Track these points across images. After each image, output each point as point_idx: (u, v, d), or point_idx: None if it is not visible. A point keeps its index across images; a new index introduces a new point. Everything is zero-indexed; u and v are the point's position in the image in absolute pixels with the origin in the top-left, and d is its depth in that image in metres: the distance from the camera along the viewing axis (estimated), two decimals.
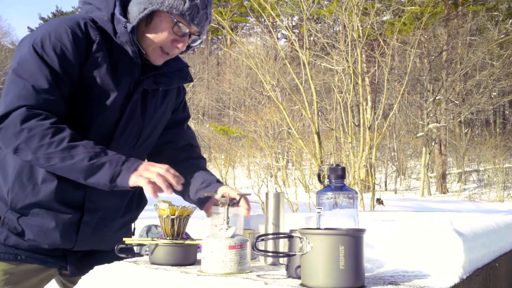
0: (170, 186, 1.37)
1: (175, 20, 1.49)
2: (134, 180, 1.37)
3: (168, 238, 1.36)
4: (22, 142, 1.37)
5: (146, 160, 1.75)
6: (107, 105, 1.50)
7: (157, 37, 1.52)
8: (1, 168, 1.53)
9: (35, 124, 1.37)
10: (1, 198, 1.52)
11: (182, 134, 1.81)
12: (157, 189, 1.36)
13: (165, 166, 1.39)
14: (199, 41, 1.59)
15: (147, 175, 1.36)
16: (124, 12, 1.54)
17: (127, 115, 1.55)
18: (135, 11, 1.51)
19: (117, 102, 1.52)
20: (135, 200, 1.72)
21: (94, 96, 1.49)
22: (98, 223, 1.58)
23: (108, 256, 1.51)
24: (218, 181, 1.65)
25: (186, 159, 1.76)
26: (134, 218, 1.77)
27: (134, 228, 1.82)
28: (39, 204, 1.49)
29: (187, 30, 1.52)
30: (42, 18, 39.27)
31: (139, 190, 1.73)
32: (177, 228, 1.38)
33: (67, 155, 1.37)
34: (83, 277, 1.29)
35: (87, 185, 1.43)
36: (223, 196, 1.40)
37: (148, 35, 1.52)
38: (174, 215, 1.37)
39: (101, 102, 1.50)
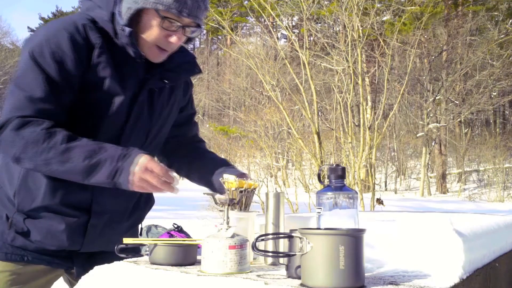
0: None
1: (162, 15, 1.44)
2: (134, 188, 1.38)
3: (236, 210, 1.40)
4: (19, 151, 1.37)
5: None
6: (113, 109, 1.48)
7: (149, 35, 1.48)
8: (7, 170, 1.53)
9: (28, 131, 1.36)
10: (9, 200, 1.52)
11: (189, 130, 1.84)
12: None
13: (157, 173, 1.37)
14: (198, 32, 1.53)
15: (142, 184, 1.37)
16: None
17: (134, 117, 1.54)
18: (124, 11, 1.47)
19: (124, 104, 1.50)
20: (143, 201, 1.72)
21: (99, 101, 1.47)
22: (105, 225, 1.58)
23: (113, 256, 1.52)
24: (227, 163, 1.71)
25: (190, 143, 1.83)
26: (141, 219, 1.77)
27: (141, 228, 1.82)
28: (46, 207, 1.49)
29: (179, 24, 1.47)
30: (42, 18, 39.26)
31: (147, 193, 1.73)
32: (244, 200, 1.41)
33: (63, 158, 1.36)
34: (83, 277, 1.29)
35: (93, 187, 1.43)
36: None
37: (141, 35, 1.48)
38: (242, 187, 1.40)
39: (107, 106, 1.48)
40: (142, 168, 1.36)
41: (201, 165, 1.77)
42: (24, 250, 1.53)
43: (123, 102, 1.49)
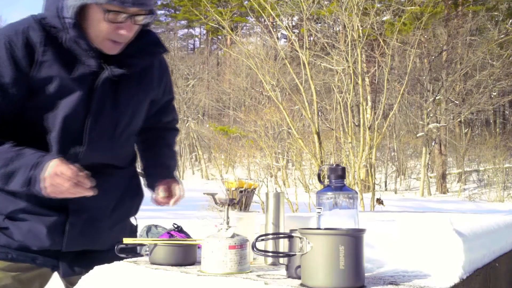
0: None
1: (105, 9, 1.39)
2: (49, 194, 1.37)
3: (236, 210, 1.41)
4: None
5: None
6: (70, 107, 1.44)
7: (97, 31, 1.43)
8: None
9: None
10: None
11: (164, 116, 1.84)
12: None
13: (68, 176, 1.35)
14: (150, 18, 1.48)
15: (55, 189, 1.36)
16: None
17: (94, 111, 1.49)
18: (68, 7, 1.41)
19: (80, 100, 1.45)
20: (129, 196, 1.69)
21: (52, 100, 1.44)
22: (85, 224, 1.56)
23: (103, 256, 1.51)
24: (170, 174, 1.73)
25: (162, 128, 1.84)
26: (128, 215, 1.73)
27: (137, 225, 1.80)
28: (24, 209, 1.50)
29: (125, 14, 1.42)
30: None
31: (134, 186, 1.72)
32: (244, 200, 1.43)
33: None
34: (83, 277, 1.29)
35: None
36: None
37: (89, 31, 1.44)
38: (242, 187, 1.41)
39: (62, 104, 1.44)
40: (52, 174, 1.35)
41: (151, 156, 1.81)
42: (8, 248, 1.53)
43: (79, 98, 1.45)
